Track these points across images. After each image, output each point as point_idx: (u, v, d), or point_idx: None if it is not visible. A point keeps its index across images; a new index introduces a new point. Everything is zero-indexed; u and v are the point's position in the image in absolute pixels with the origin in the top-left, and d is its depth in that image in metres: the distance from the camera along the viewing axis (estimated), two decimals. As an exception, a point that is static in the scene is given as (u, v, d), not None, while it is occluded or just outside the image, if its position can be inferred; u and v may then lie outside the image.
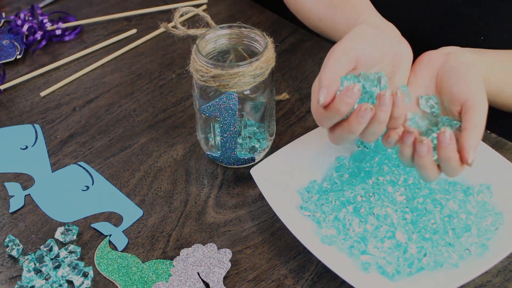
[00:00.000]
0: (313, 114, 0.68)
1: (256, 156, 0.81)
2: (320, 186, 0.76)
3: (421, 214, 0.71)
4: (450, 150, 0.65)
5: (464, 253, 0.68)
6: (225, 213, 0.79)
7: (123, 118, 0.92)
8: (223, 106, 0.75)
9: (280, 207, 0.72)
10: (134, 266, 0.73)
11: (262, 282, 0.71)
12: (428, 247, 0.69)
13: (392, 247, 0.69)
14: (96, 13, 1.13)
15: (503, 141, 0.84)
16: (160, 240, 0.76)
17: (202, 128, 0.82)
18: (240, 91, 0.76)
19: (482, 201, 0.73)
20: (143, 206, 0.80)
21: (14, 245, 0.75)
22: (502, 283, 0.70)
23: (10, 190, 0.83)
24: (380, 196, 0.72)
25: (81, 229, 0.78)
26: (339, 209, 0.73)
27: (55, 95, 0.97)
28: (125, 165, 0.85)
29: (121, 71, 1.01)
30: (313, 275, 0.72)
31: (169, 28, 0.80)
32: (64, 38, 1.08)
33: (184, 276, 0.71)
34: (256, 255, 0.74)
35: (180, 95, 0.95)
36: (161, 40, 1.06)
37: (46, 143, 0.89)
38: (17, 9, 1.15)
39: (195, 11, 0.81)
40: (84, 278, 0.71)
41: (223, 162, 0.81)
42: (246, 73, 0.74)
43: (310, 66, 0.99)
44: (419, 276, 0.68)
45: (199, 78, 0.75)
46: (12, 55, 1.03)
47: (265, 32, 0.79)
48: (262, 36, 0.78)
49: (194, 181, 0.83)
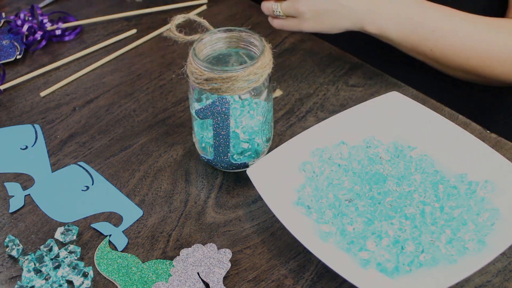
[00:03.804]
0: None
1: (250, 162, 0.80)
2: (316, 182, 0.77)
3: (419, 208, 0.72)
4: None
5: (462, 248, 0.69)
6: (225, 213, 0.79)
7: (123, 118, 0.92)
8: (216, 110, 0.75)
9: (277, 206, 0.72)
10: (134, 266, 0.73)
11: (262, 282, 0.71)
12: (425, 243, 0.69)
13: (390, 244, 0.69)
14: (96, 13, 1.13)
15: (503, 141, 0.84)
16: (160, 240, 0.76)
17: (197, 130, 0.82)
18: (234, 95, 0.75)
19: (481, 197, 0.74)
20: (143, 206, 0.80)
21: (14, 245, 0.75)
22: (502, 283, 0.70)
23: (10, 190, 0.83)
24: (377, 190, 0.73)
25: (81, 229, 0.78)
26: (335, 205, 0.73)
27: (55, 95, 0.97)
28: (125, 165, 0.85)
29: (121, 71, 1.01)
30: (313, 275, 0.72)
31: (172, 36, 0.80)
32: (64, 38, 1.08)
33: (184, 276, 0.71)
34: (256, 255, 0.74)
35: (180, 95, 0.95)
36: (161, 40, 1.06)
37: (46, 143, 0.89)
38: (17, 9, 1.15)
39: (192, 18, 0.80)
40: (84, 278, 0.71)
41: (216, 165, 0.81)
42: (239, 78, 0.74)
43: (310, 66, 0.99)
44: (418, 272, 0.68)
45: (194, 80, 0.75)
46: (12, 55, 1.03)
47: (265, 32, 0.79)
48: (260, 40, 0.77)
49: (194, 181, 0.83)
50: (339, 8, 0.86)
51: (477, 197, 0.74)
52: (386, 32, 0.87)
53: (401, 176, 0.76)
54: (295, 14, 0.88)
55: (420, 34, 0.86)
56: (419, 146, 0.79)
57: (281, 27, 0.91)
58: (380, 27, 0.87)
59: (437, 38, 0.86)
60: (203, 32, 0.80)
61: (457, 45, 0.86)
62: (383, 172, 0.77)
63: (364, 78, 0.96)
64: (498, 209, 0.72)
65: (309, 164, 0.78)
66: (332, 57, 1.00)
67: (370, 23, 0.87)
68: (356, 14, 0.86)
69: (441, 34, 0.86)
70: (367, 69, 0.97)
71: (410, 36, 0.87)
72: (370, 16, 0.86)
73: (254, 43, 0.78)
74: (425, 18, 0.86)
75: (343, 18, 0.87)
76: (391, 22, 0.86)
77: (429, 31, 0.86)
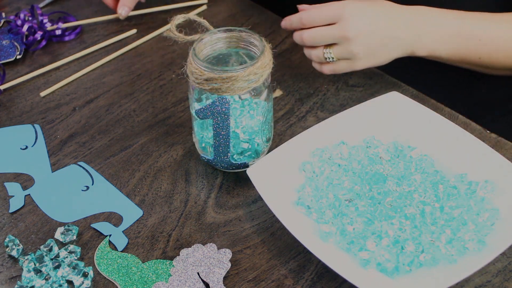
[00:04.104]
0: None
1: (250, 162, 0.80)
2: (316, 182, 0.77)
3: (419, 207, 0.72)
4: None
5: (462, 248, 0.69)
6: (225, 213, 0.79)
7: (123, 118, 0.92)
8: (216, 110, 0.75)
9: (277, 206, 0.72)
10: (134, 266, 0.73)
11: (262, 282, 0.71)
12: (425, 243, 0.69)
13: (390, 244, 0.69)
14: (96, 13, 1.13)
15: (503, 141, 0.84)
16: (160, 240, 0.76)
17: (197, 130, 0.82)
18: (234, 95, 0.75)
19: (481, 197, 0.74)
20: (143, 206, 0.80)
21: (14, 245, 0.75)
22: (502, 283, 0.70)
23: (10, 190, 0.83)
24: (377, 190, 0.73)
25: (81, 229, 0.78)
26: (335, 205, 0.73)
27: (55, 95, 0.97)
28: (125, 165, 0.85)
29: (121, 71, 1.01)
30: (313, 275, 0.72)
31: (172, 36, 0.80)
32: (64, 38, 1.08)
33: (184, 276, 0.71)
34: (256, 255, 0.74)
35: (180, 95, 0.95)
36: (161, 40, 1.06)
37: (46, 143, 0.89)
38: (17, 9, 1.15)
39: (192, 18, 0.80)
40: (84, 278, 0.71)
41: (216, 165, 0.81)
42: (239, 78, 0.74)
43: (310, 66, 0.99)
44: (418, 272, 0.68)
45: (194, 80, 0.75)
46: (12, 55, 1.03)
47: (265, 32, 0.79)
48: (260, 40, 0.77)
49: (194, 181, 0.83)
50: (390, 40, 0.86)
51: (477, 197, 0.74)
52: (436, 53, 0.88)
53: (401, 176, 0.76)
54: (350, 57, 0.87)
55: (468, 46, 0.87)
56: (419, 146, 0.79)
57: (333, 71, 0.89)
58: (430, 49, 0.87)
59: (484, 46, 0.87)
60: (203, 32, 0.80)
61: (504, 48, 0.88)
62: (383, 172, 0.77)
63: (364, 78, 0.96)
64: (498, 209, 0.72)
65: (309, 164, 0.78)
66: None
67: (420, 48, 0.87)
68: (405, 42, 0.86)
69: (488, 41, 0.87)
70: (367, 69, 0.97)
71: (459, 51, 0.88)
72: (418, 41, 0.86)
73: (254, 43, 0.78)
74: (470, 30, 0.87)
75: (394, 49, 0.87)
76: (439, 43, 0.87)
77: (476, 41, 0.87)
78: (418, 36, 0.86)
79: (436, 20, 0.87)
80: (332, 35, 0.85)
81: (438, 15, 0.87)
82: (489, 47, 0.87)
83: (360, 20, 0.84)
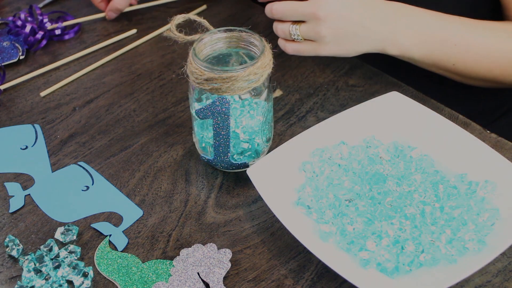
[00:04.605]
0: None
1: (250, 162, 0.80)
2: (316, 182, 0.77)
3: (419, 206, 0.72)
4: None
5: (462, 248, 0.69)
6: (225, 213, 0.79)
7: (123, 118, 0.92)
8: (216, 110, 0.75)
9: (277, 206, 0.72)
10: (134, 266, 0.73)
11: (262, 282, 0.71)
12: (425, 243, 0.69)
13: (390, 244, 0.69)
14: (96, 13, 1.13)
15: (503, 141, 0.84)
16: (160, 240, 0.76)
17: (198, 130, 0.82)
18: (234, 95, 0.75)
19: (481, 197, 0.74)
20: (143, 206, 0.80)
21: (14, 245, 0.75)
22: (502, 283, 0.70)
23: (10, 190, 0.83)
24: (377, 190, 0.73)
25: (81, 229, 0.78)
26: (336, 205, 0.73)
27: (55, 95, 0.97)
28: (125, 165, 0.85)
29: (121, 71, 1.01)
30: (313, 275, 0.72)
31: (172, 36, 0.80)
32: (64, 37, 1.08)
33: (184, 276, 0.71)
34: (256, 255, 0.74)
35: (180, 95, 0.95)
36: (161, 40, 1.06)
37: (46, 143, 0.89)
38: (17, 9, 1.15)
39: (192, 18, 0.80)
40: (84, 278, 0.71)
41: (216, 165, 0.81)
42: (239, 78, 0.74)
43: (310, 66, 0.99)
44: (418, 272, 0.68)
45: (194, 80, 0.75)
46: (14, 57, 1.03)
47: (265, 32, 0.79)
48: (260, 40, 0.77)
49: (194, 181, 0.83)
50: (362, 30, 0.82)
51: (477, 197, 0.74)
52: (408, 53, 0.85)
53: (401, 176, 0.76)
54: (316, 38, 0.82)
55: (443, 50, 0.84)
56: (419, 146, 0.80)
57: (296, 52, 0.85)
58: (402, 48, 0.84)
59: (459, 52, 0.84)
60: (203, 32, 0.80)
61: (480, 57, 0.84)
62: (383, 172, 0.77)
63: (364, 78, 0.96)
64: (498, 209, 0.72)
65: (309, 164, 0.78)
66: (332, 57, 0.99)
67: (391, 45, 0.84)
68: (377, 36, 0.83)
69: (464, 48, 0.84)
70: (367, 69, 0.97)
71: (433, 54, 0.85)
72: (392, 38, 0.83)
73: (254, 43, 0.78)
74: (447, 34, 0.84)
75: (364, 41, 0.83)
76: (413, 43, 0.84)
77: (452, 46, 0.84)
78: (392, 33, 0.83)
79: (415, 19, 0.83)
80: (301, 11, 0.81)
81: (418, 14, 0.84)
82: (465, 54, 0.84)
83: (336, 1, 0.81)
